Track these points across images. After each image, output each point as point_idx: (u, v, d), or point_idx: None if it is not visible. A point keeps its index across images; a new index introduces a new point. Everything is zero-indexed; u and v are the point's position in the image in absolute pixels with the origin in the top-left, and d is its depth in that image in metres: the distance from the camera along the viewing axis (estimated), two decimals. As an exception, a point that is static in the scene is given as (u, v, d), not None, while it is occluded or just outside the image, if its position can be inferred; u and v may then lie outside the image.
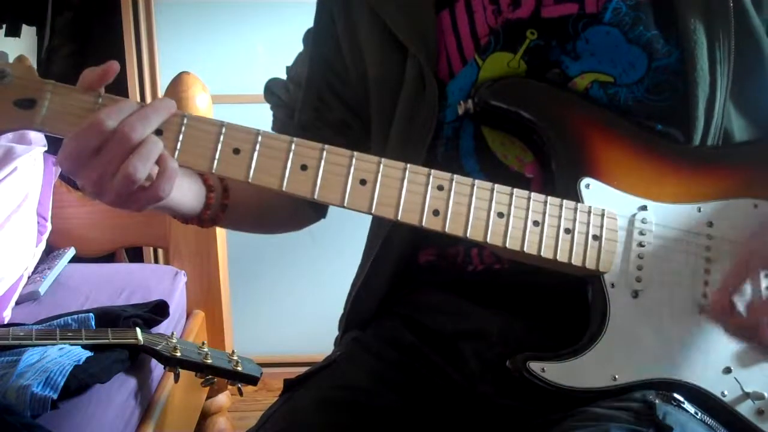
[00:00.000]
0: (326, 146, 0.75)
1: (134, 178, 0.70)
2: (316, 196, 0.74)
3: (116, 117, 0.70)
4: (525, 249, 0.77)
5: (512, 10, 0.86)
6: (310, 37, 1.05)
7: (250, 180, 0.74)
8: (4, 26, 2.31)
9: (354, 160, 0.75)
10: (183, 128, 0.73)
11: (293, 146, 0.74)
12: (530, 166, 0.86)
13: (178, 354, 1.37)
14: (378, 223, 0.95)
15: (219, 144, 0.73)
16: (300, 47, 1.26)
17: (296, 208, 1.01)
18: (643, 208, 0.81)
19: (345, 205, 0.75)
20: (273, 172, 0.74)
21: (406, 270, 0.94)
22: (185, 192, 0.83)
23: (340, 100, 0.99)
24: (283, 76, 2.56)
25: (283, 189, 0.74)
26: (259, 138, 0.74)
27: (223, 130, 0.74)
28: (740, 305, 0.78)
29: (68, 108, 0.72)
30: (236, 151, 0.74)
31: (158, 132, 0.72)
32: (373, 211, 0.75)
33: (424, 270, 0.94)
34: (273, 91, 1.07)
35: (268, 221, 1.03)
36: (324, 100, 1.00)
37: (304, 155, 0.75)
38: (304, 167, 0.74)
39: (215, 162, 0.73)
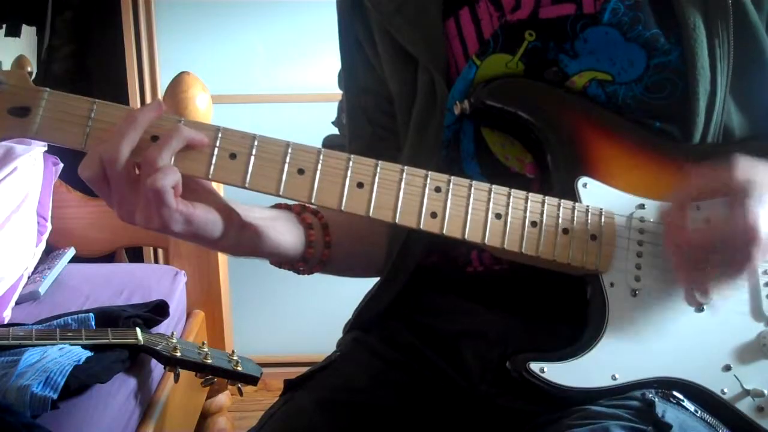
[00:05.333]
0: (323, 149, 0.74)
1: (151, 159, 0.68)
2: (313, 200, 0.74)
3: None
4: (523, 250, 0.77)
5: (512, 12, 0.86)
6: (342, 69, 1.03)
7: (246, 185, 0.73)
8: (4, 26, 2.31)
9: (351, 163, 0.74)
10: None
11: (290, 150, 0.73)
12: (530, 166, 0.86)
13: (178, 354, 1.37)
14: (394, 233, 0.95)
15: (215, 149, 0.72)
16: (300, 47, 1.27)
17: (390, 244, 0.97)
18: (641, 206, 0.81)
19: (342, 208, 0.74)
20: (270, 176, 0.73)
21: (412, 275, 0.94)
22: (281, 232, 0.81)
23: (395, 121, 0.96)
24: (283, 77, 2.57)
25: (280, 194, 0.73)
26: (255, 142, 0.73)
27: (219, 134, 0.73)
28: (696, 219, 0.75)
29: (63, 116, 0.71)
30: (233, 155, 0.72)
31: (154, 138, 0.71)
32: (370, 214, 0.74)
33: (425, 272, 0.94)
34: (334, 144, 1.07)
35: (376, 257, 0.98)
36: (387, 128, 0.97)
37: (300, 159, 0.73)
38: (301, 171, 0.73)
39: (212, 168, 0.72)
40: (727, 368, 0.80)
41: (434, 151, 0.88)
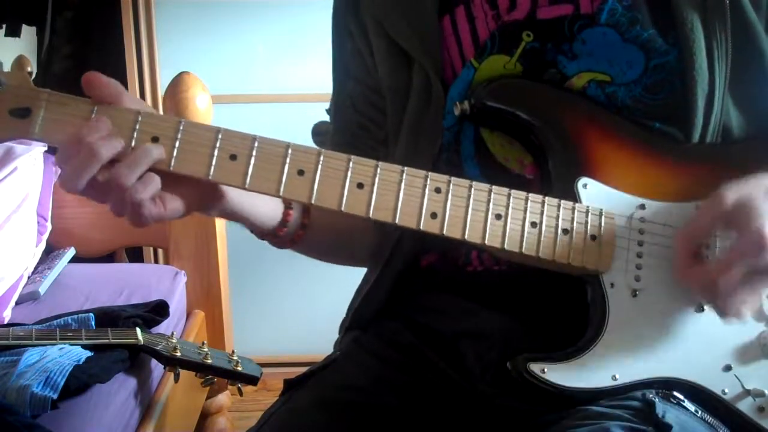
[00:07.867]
0: (323, 150, 0.74)
1: (121, 182, 0.69)
2: (313, 201, 0.74)
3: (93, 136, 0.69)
4: (523, 250, 0.77)
5: (508, 13, 0.86)
6: (333, 58, 1.04)
7: (246, 186, 0.73)
8: (4, 26, 2.31)
9: (351, 164, 0.74)
10: (179, 134, 0.72)
11: (290, 151, 0.74)
12: (530, 167, 0.86)
13: (178, 354, 1.37)
14: (385, 232, 0.95)
15: (215, 150, 0.72)
16: (300, 47, 1.27)
17: (380, 240, 0.97)
18: (641, 207, 0.81)
19: (343, 209, 0.74)
20: (270, 177, 0.73)
21: (408, 274, 0.94)
22: (259, 203, 0.82)
23: (381, 114, 0.96)
24: (283, 77, 2.56)
25: (281, 194, 0.73)
26: (256, 143, 0.73)
27: (219, 136, 0.73)
28: (707, 252, 0.77)
29: (64, 117, 0.71)
30: (233, 157, 0.73)
31: (155, 139, 0.71)
32: (371, 215, 0.74)
33: (424, 273, 0.94)
34: (321, 131, 1.07)
35: (350, 250, 0.99)
36: (371, 118, 0.97)
37: (300, 160, 0.74)
38: (301, 172, 0.74)
39: (212, 169, 0.72)
40: (728, 368, 0.80)
41: (429, 150, 0.88)
